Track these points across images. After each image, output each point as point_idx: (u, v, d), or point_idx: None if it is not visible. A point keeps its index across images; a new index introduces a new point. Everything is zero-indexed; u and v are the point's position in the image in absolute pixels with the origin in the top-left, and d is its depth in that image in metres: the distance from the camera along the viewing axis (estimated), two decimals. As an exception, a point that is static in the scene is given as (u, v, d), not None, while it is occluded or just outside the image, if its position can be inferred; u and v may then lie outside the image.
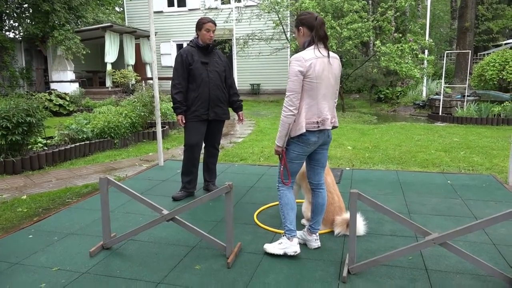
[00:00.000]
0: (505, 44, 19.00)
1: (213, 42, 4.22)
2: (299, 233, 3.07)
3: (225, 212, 2.81)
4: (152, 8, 5.48)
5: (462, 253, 2.45)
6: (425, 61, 12.12)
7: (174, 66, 4.12)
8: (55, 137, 6.92)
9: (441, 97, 11.23)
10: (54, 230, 3.43)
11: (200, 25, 4.07)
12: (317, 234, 3.05)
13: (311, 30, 2.79)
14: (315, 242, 3.03)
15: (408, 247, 2.51)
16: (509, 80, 11.66)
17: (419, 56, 11.59)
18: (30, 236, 3.32)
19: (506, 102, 10.54)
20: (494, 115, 10.12)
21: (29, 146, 6.15)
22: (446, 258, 2.82)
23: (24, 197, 4.53)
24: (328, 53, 2.80)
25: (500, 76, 11.91)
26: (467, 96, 11.12)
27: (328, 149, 3.12)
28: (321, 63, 2.74)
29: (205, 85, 4.04)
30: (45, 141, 6.57)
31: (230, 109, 4.38)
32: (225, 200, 2.78)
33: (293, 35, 14.29)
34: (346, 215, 3.27)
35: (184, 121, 4.08)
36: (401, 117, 12.00)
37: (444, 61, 11.55)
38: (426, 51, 13.14)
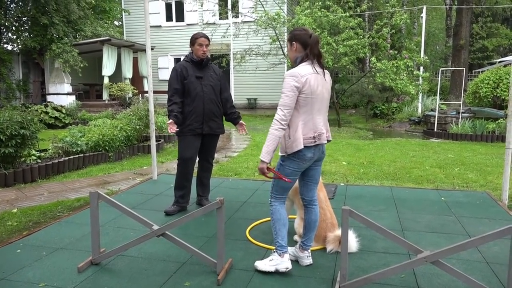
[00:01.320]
0: (499, 62, 19.24)
1: (208, 56, 4.24)
2: (290, 249, 3.04)
3: (217, 228, 2.77)
4: (148, 23, 5.50)
5: (455, 271, 2.43)
6: (420, 78, 12.23)
7: (169, 81, 4.14)
8: (49, 149, 6.88)
9: (436, 113, 11.30)
10: (43, 244, 3.38)
11: (193, 40, 4.12)
12: (309, 251, 3.02)
13: (305, 47, 2.81)
14: (307, 259, 2.99)
15: (400, 265, 2.48)
16: (503, 97, 11.76)
17: (415, 72, 11.70)
18: (18, 250, 3.27)
19: (501, 119, 10.61)
20: (489, 132, 10.18)
21: (22, 159, 6.10)
22: (438, 277, 2.79)
23: (15, 210, 4.48)
24: (323, 70, 2.82)
25: (494, 94, 12.02)
26: (462, 112, 11.20)
27: (322, 165, 3.11)
28: (316, 78, 2.76)
29: (200, 99, 4.06)
30: (38, 154, 6.53)
31: (228, 123, 4.38)
32: (217, 216, 2.76)
33: (290, 50, 14.44)
34: (339, 232, 3.24)
35: (175, 128, 3.99)
36: (396, 133, 12.05)
37: (439, 78, 11.67)
38: (422, 68, 13.27)
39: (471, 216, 4.08)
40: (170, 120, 3.97)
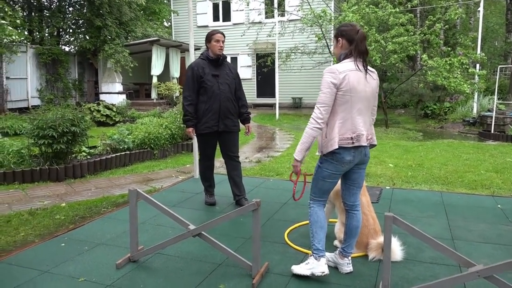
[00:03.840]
0: None
1: (224, 54, 4.23)
2: (330, 255, 2.91)
3: (252, 230, 2.71)
4: (192, 23, 5.54)
5: (511, 289, 2.20)
6: (476, 76, 11.50)
7: (186, 79, 4.18)
8: (98, 146, 7.15)
9: (494, 114, 10.57)
10: (86, 239, 3.47)
11: (209, 37, 4.16)
12: (350, 258, 2.87)
13: (350, 43, 2.67)
14: (347, 266, 2.85)
15: (449, 278, 2.29)
16: None
17: (470, 70, 11.00)
18: (63, 244, 3.38)
19: None
20: (553, 134, 9.39)
21: (73, 155, 6.38)
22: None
23: (63, 204, 4.67)
24: (366, 68, 2.66)
25: (561, 93, 11.06)
26: (523, 113, 10.41)
27: (366, 168, 2.94)
28: (356, 75, 2.61)
29: (216, 97, 4.08)
30: (88, 150, 6.80)
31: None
32: (253, 218, 2.69)
33: (336, 48, 14.12)
34: (382, 239, 3.07)
35: (195, 133, 4.18)
36: (448, 134, 11.42)
37: (497, 76, 10.90)
38: (478, 66, 12.48)
39: (532, 226, 3.73)
40: (191, 129, 4.13)
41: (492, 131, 10.39)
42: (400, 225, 2.37)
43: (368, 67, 2.70)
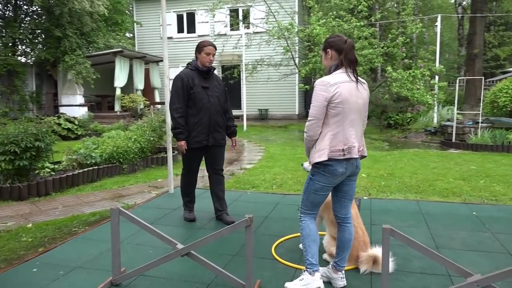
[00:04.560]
0: (514, 70, 18.92)
1: (213, 66, 4.12)
2: (323, 270, 2.85)
3: (246, 248, 2.60)
4: (166, 34, 5.42)
5: (508, 297, 2.22)
6: (436, 87, 12.00)
7: (174, 89, 3.99)
8: (62, 162, 6.78)
9: (454, 123, 11.04)
10: (60, 263, 3.23)
11: (200, 48, 4.00)
12: (343, 271, 2.82)
13: (339, 53, 2.66)
14: (341, 280, 2.79)
15: (448, 290, 2.28)
16: (523, 107, 11.47)
17: (431, 82, 11.47)
18: (35, 269, 3.12)
19: (521, 129, 10.32)
20: (510, 142, 9.89)
21: (36, 171, 6.00)
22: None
23: (30, 225, 4.35)
24: (357, 78, 2.66)
25: (514, 103, 11.73)
26: (481, 122, 10.92)
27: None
28: (349, 87, 2.60)
29: (206, 110, 3.95)
30: (52, 166, 6.43)
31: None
32: (246, 235, 2.59)
33: (303, 60, 14.33)
34: (372, 251, 3.05)
35: (186, 147, 3.98)
36: (412, 144, 11.79)
37: (457, 88, 11.41)
38: (437, 77, 13.04)
39: (508, 232, 3.85)
40: (183, 142, 3.94)
41: (454, 140, 10.82)
42: (397, 237, 2.35)
43: (359, 78, 2.69)
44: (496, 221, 4.19)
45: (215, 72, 4.23)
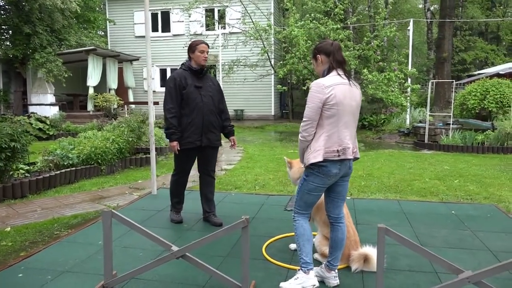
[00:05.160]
0: (478, 74, 19.73)
1: (207, 65, 4.10)
2: (316, 269, 2.89)
3: (242, 249, 2.61)
4: (149, 33, 5.38)
5: (497, 292, 2.33)
6: (409, 90, 12.36)
7: (167, 90, 3.95)
8: (37, 163, 6.57)
9: (427, 125, 11.40)
10: (47, 267, 3.13)
11: (193, 47, 3.97)
12: (336, 270, 2.88)
13: (328, 56, 2.72)
14: (334, 279, 2.84)
15: (443, 285, 2.37)
16: (490, 109, 11.98)
17: (406, 84, 11.81)
18: (20, 274, 3.01)
19: (489, 130, 10.78)
20: (478, 143, 10.31)
21: (11, 173, 5.78)
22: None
23: (8, 229, 4.19)
24: (349, 79, 2.72)
25: (482, 105, 12.24)
26: (452, 124, 11.33)
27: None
28: (343, 89, 2.66)
29: (199, 110, 3.91)
30: (27, 168, 6.22)
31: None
32: (242, 236, 2.59)
33: (280, 62, 14.43)
34: (362, 250, 3.12)
35: (178, 148, 3.93)
36: (387, 145, 12.10)
37: (429, 90, 11.80)
38: (409, 80, 13.43)
39: (486, 230, 4.02)
40: (175, 142, 3.89)
41: (426, 141, 11.18)
42: (392, 236, 2.42)
43: (352, 81, 2.76)
44: (474, 219, 4.37)
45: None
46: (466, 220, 4.31)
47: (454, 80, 13.03)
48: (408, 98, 12.08)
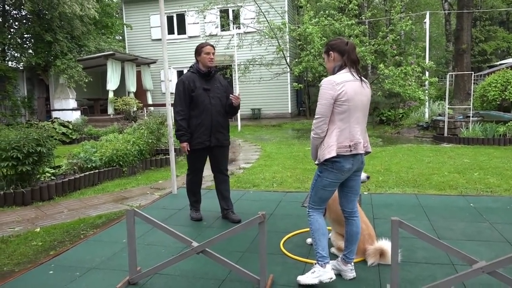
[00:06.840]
0: (500, 64, 19.29)
1: (215, 67, 4.21)
2: (333, 263, 2.96)
3: (259, 243, 2.70)
4: (165, 36, 5.50)
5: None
6: (427, 83, 12.22)
7: (176, 93, 4.11)
8: (62, 166, 6.82)
9: (446, 118, 11.25)
10: (75, 264, 3.29)
11: (199, 50, 4.12)
12: (352, 263, 2.94)
13: (342, 55, 2.78)
14: (350, 272, 2.91)
15: (456, 276, 2.41)
16: (511, 100, 11.73)
17: (423, 78, 11.68)
18: (51, 272, 3.18)
19: (510, 121, 10.56)
20: (500, 135, 10.12)
21: (37, 176, 6.03)
22: (489, 287, 2.71)
23: (38, 229, 4.40)
24: (360, 77, 2.78)
25: (503, 96, 12.00)
26: (471, 116, 11.15)
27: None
28: (354, 85, 2.72)
29: (207, 111, 4.06)
30: (52, 171, 6.46)
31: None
32: (259, 231, 2.69)
33: (295, 60, 14.45)
34: (378, 244, 3.17)
35: (188, 149, 4.09)
36: (405, 139, 11.99)
37: (447, 83, 11.63)
38: (427, 73, 13.26)
39: (505, 222, 4.00)
40: (185, 143, 4.06)
41: (445, 134, 11.04)
42: (406, 228, 2.47)
43: (363, 80, 2.81)
44: (493, 211, 4.35)
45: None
46: (484, 213, 4.30)
47: (473, 72, 12.77)
48: (426, 91, 11.94)
